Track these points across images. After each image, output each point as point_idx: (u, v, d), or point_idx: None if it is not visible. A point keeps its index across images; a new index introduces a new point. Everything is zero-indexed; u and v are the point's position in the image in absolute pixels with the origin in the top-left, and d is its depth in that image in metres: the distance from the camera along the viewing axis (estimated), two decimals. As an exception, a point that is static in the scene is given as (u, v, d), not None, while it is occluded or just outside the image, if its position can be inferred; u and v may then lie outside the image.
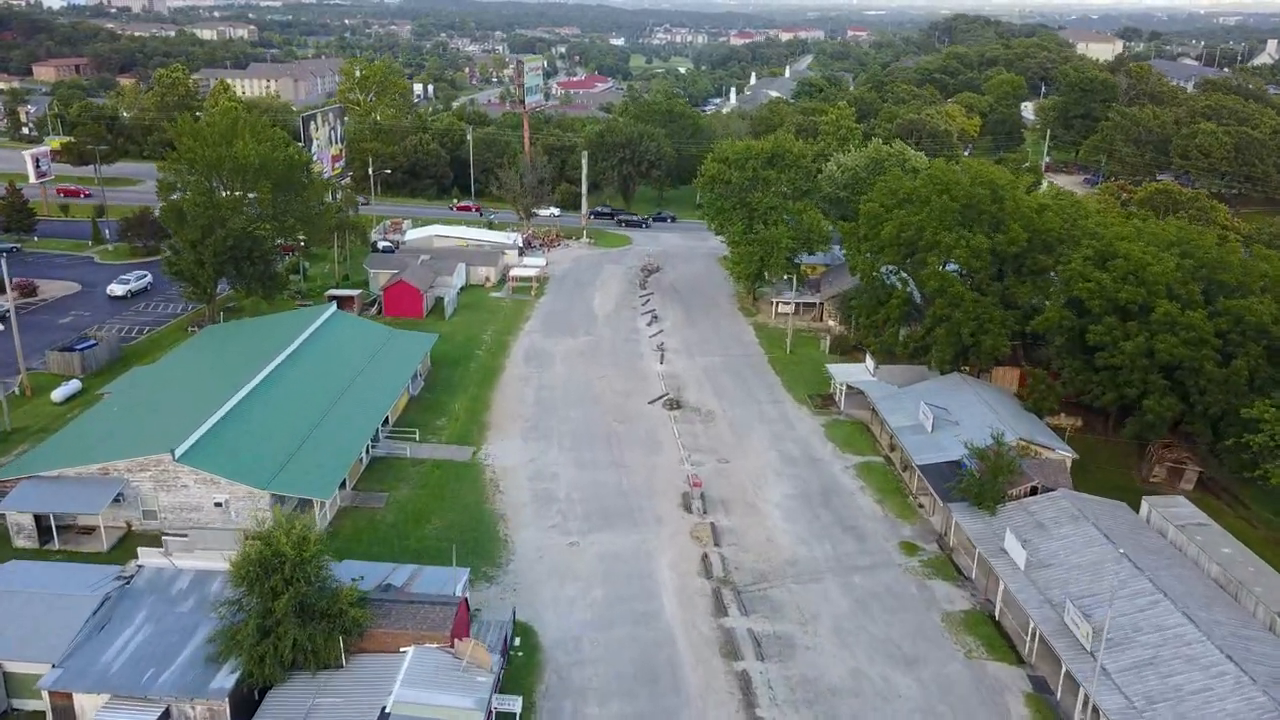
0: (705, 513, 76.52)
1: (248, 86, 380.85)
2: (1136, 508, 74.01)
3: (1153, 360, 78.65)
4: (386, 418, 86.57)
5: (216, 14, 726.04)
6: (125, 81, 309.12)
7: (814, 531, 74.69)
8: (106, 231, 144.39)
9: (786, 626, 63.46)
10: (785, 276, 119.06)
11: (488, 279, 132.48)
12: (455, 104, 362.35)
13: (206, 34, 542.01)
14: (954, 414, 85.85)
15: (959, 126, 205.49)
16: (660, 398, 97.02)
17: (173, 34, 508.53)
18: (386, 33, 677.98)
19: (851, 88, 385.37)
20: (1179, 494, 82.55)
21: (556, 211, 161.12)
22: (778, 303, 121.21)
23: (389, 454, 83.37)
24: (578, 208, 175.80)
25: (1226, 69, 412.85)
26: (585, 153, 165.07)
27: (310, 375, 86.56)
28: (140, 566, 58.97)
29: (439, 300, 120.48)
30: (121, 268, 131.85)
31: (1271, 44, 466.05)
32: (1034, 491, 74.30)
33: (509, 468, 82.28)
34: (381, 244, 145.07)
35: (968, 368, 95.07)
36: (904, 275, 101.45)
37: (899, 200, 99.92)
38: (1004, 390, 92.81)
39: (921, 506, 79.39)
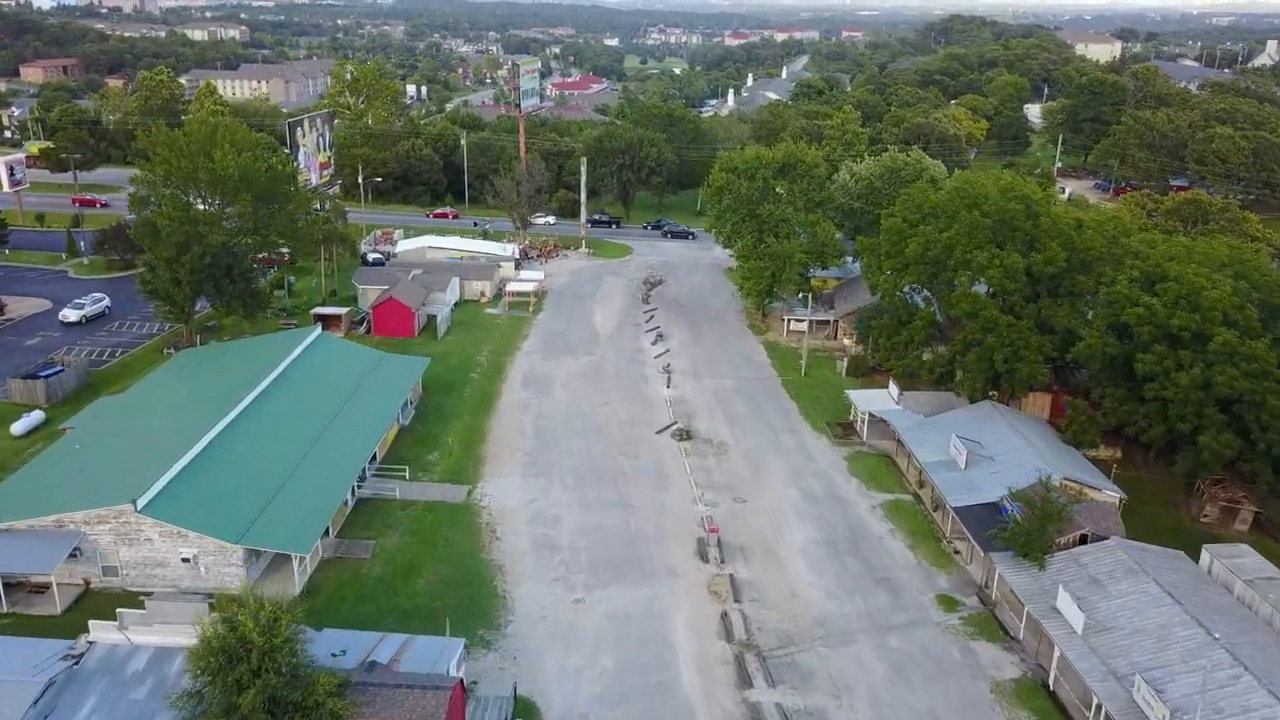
0: (723, 562, 69.48)
1: (238, 88, 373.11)
2: (1190, 552, 67.32)
3: (1209, 393, 71.82)
4: (374, 454, 79.34)
5: (208, 14, 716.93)
6: (114, 83, 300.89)
7: (843, 584, 67.66)
8: (82, 244, 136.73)
9: (819, 699, 56.43)
10: (799, 294, 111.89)
11: (483, 294, 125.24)
12: (449, 106, 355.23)
13: (197, 34, 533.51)
14: (988, 448, 78.98)
15: (965, 130, 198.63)
16: (669, 427, 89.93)
17: (163, 35, 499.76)
18: (379, 33, 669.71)
19: (849, 89, 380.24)
20: (1233, 534, 76.05)
21: (551, 220, 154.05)
22: (790, 320, 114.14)
23: (376, 495, 76.14)
24: (575, 215, 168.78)
25: (1227, 70, 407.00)
26: (584, 159, 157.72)
27: (292, 407, 79.35)
28: (91, 643, 51.70)
29: (431, 318, 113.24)
30: (93, 284, 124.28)
31: (1271, 44, 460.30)
32: (1083, 540, 67.45)
33: (507, 509, 75.12)
34: (371, 256, 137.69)
35: (996, 393, 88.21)
36: (927, 294, 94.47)
37: (923, 215, 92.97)
38: (1038, 420, 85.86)
39: (958, 553, 72.41)
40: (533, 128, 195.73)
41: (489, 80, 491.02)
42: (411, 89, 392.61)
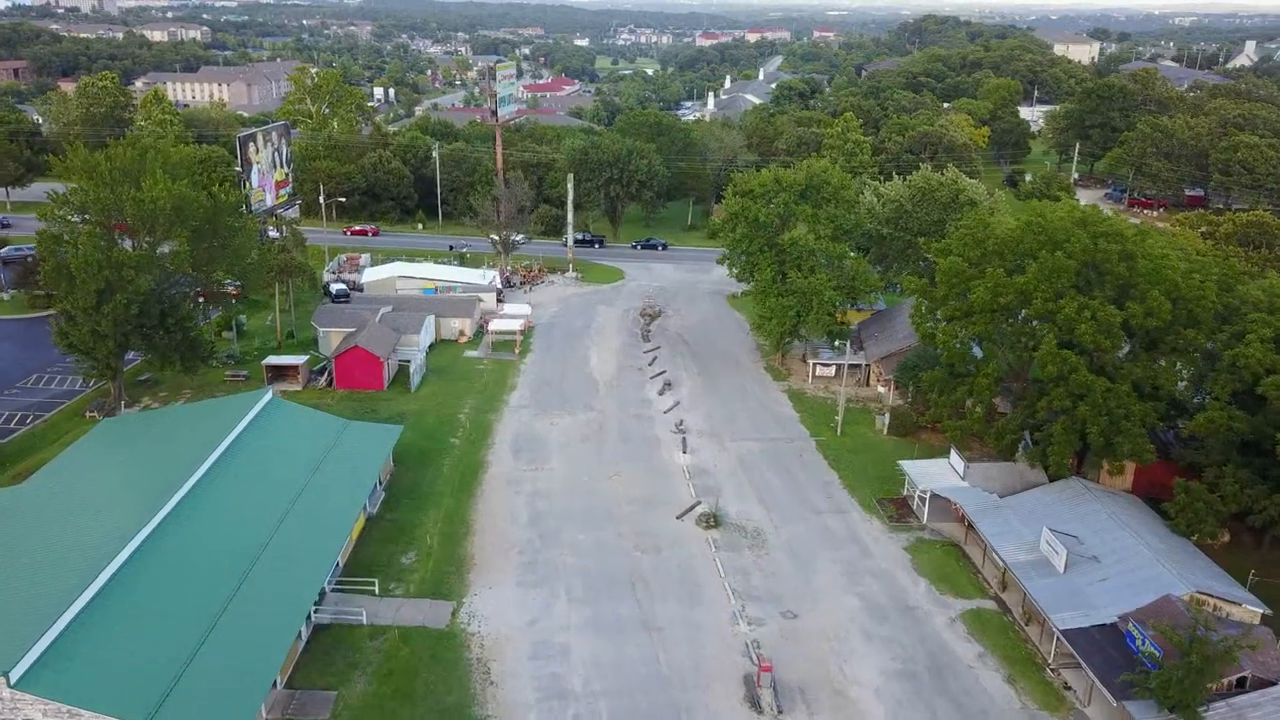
0: (780, 712, 53.62)
1: (197, 91, 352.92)
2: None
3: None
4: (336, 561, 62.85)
5: (169, 14, 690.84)
6: (66, 88, 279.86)
7: (938, 744, 52.07)
8: (2, 278, 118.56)
9: None
10: (829, 337, 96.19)
11: (462, 333, 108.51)
12: (418, 109, 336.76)
13: (157, 35, 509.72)
14: (1089, 544, 63.81)
15: (967, 136, 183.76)
16: (691, 509, 73.92)
17: (120, 36, 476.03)
18: (346, 34, 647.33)
19: (828, 90, 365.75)
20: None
21: (520, 238, 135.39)
22: (815, 364, 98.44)
23: (338, 619, 59.66)
24: (557, 233, 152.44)
25: (1208, 70, 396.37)
26: (570, 174, 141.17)
27: (233, 505, 62.66)
28: None
29: (403, 366, 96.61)
30: (12, 325, 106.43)
31: (1250, 45, 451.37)
32: (1241, 683, 52.29)
33: (502, 637, 58.86)
34: (335, 287, 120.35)
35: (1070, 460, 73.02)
36: (988, 344, 78.90)
37: (984, 252, 77.46)
38: (1137, 504, 70.51)
39: (1069, 689, 56.95)
40: (510, 137, 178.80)
41: (459, 82, 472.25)
42: (379, 91, 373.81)
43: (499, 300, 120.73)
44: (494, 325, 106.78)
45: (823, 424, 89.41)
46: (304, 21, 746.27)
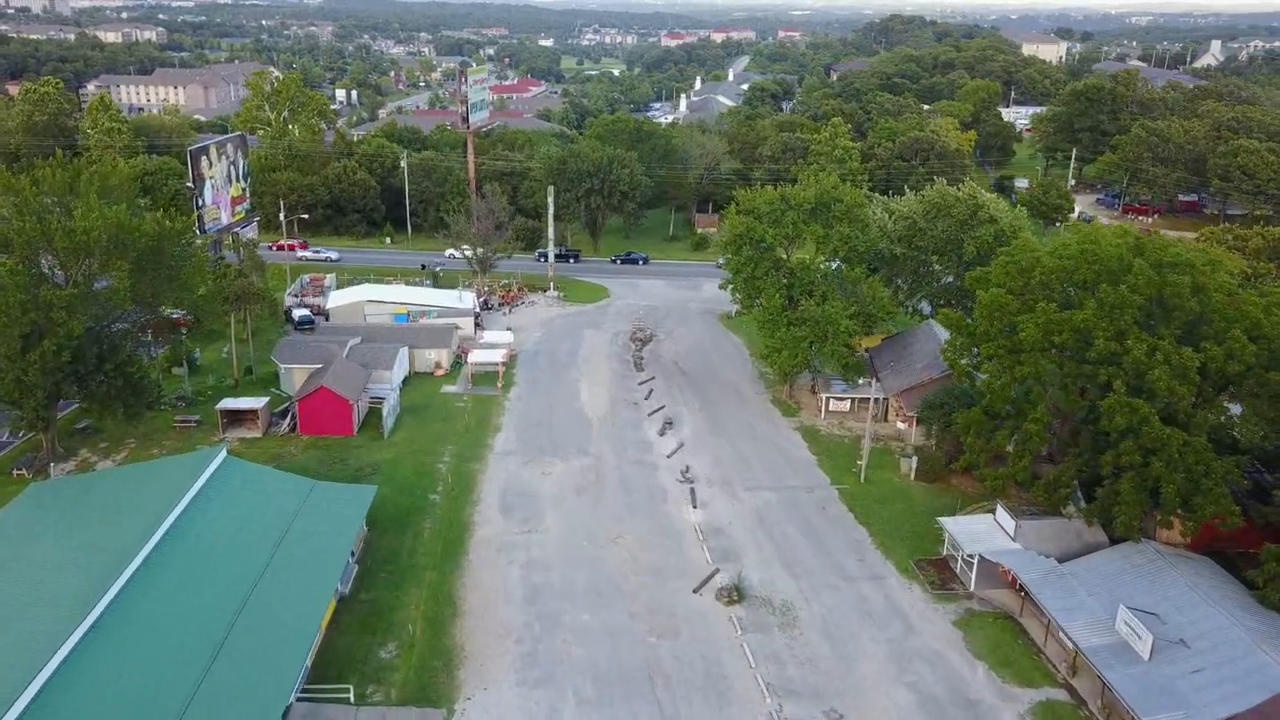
0: None
1: (152, 94, 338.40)
2: None
3: None
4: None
5: (124, 15, 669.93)
6: (14, 91, 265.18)
7: None
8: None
9: None
10: (846, 370, 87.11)
11: (438, 365, 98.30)
12: (382, 112, 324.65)
13: (111, 36, 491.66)
14: (1171, 622, 55.19)
15: (957, 142, 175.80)
16: (709, 580, 64.46)
17: (72, 38, 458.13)
18: (306, 34, 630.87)
19: (799, 91, 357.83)
20: None
21: (498, 255, 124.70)
22: (829, 398, 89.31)
23: (305, 739, 49.62)
24: (533, 246, 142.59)
25: (1178, 70, 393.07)
26: (550, 187, 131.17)
27: (177, 604, 52.30)
28: None
29: (375, 406, 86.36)
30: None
31: (1215, 44, 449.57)
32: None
33: (504, 759, 49.13)
34: (297, 313, 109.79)
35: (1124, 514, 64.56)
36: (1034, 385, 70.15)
37: (1027, 283, 68.72)
38: (1213, 568, 61.87)
39: (1172, 808, 48.15)
40: (481, 144, 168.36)
41: (423, 83, 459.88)
42: (341, 94, 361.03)
43: (477, 325, 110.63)
44: (474, 357, 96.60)
45: (843, 468, 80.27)
46: (263, 22, 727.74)
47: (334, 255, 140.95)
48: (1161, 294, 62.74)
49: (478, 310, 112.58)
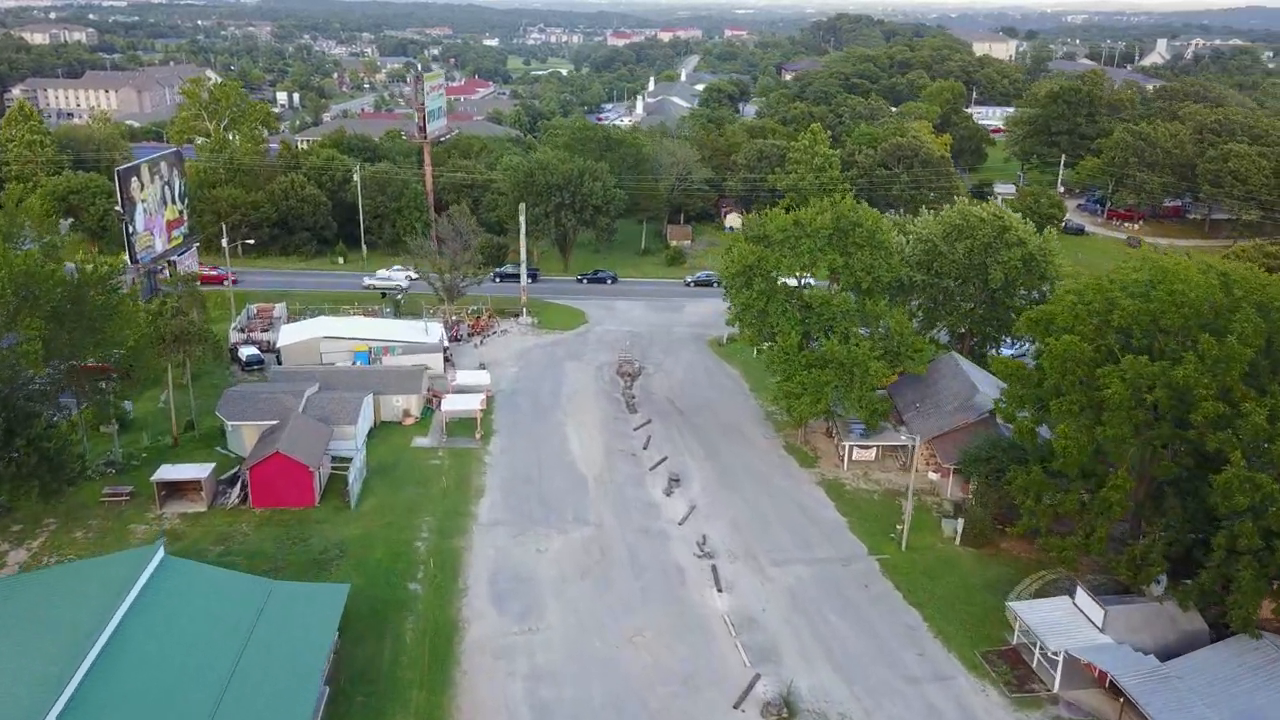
0: None
1: (81, 98, 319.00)
2: None
3: None
4: None
5: (52, 15, 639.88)
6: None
7: None
8: None
9: None
10: (874, 416, 76.91)
11: (407, 413, 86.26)
12: (326, 115, 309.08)
13: (38, 38, 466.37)
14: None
15: (940, 147, 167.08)
16: (750, 690, 53.74)
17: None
18: (244, 35, 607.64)
19: (753, 92, 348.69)
20: None
21: (467, 281, 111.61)
22: (852, 446, 79.01)
23: None
24: (497, 262, 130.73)
25: (1127, 66, 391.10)
26: (521, 205, 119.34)
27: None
28: None
29: (338, 468, 74.34)
30: None
31: (1161, 43, 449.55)
32: None
33: None
34: (245, 351, 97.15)
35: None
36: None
37: (1098, 326, 59.04)
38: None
39: None
40: (436, 154, 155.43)
41: (367, 85, 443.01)
42: (282, 96, 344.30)
43: (447, 362, 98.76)
44: (448, 404, 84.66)
45: (879, 532, 70.03)
46: (199, 22, 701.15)
47: (403, 283, 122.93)
48: (1271, 344, 53.34)
49: (446, 344, 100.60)
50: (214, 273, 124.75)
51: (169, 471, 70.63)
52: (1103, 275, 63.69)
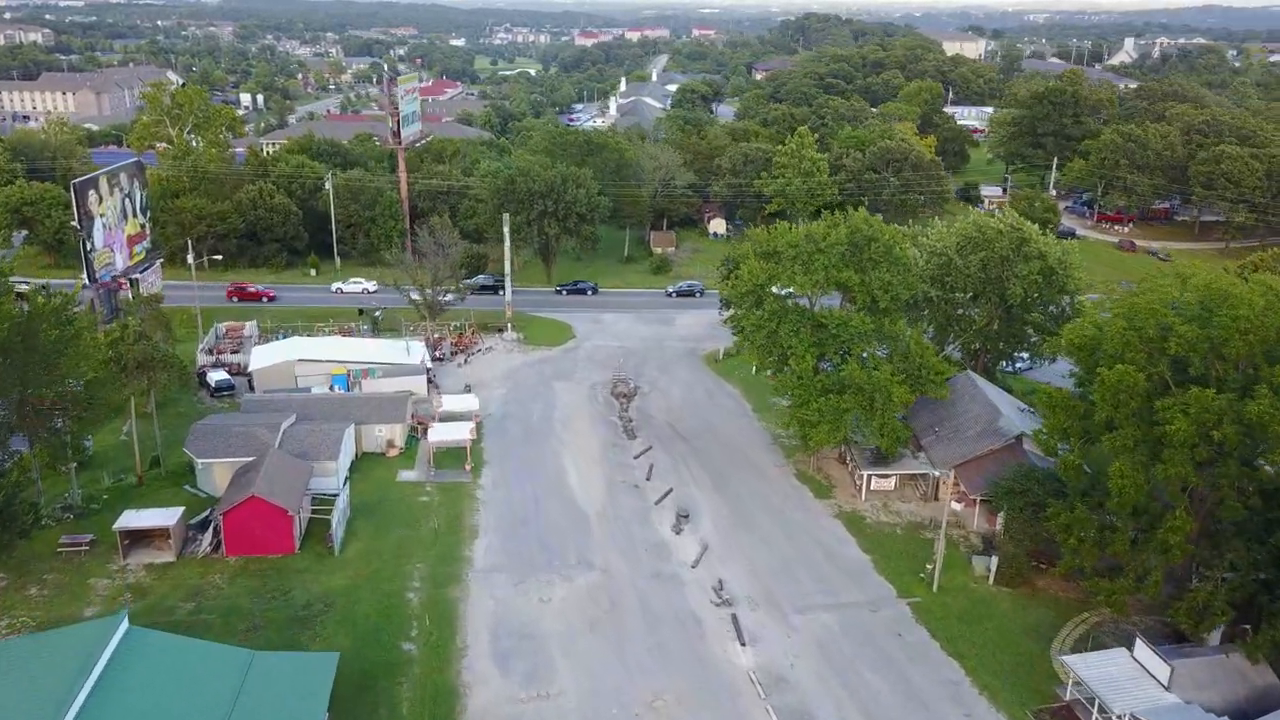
0: None
1: (38, 101, 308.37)
2: None
3: None
4: None
5: (6, 15, 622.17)
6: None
7: None
8: None
9: None
10: (898, 443, 71.75)
11: (390, 444, 79.97)
12: (292, 117, 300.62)
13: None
14: None
15: (928, 150, 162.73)
16: (788, 764, 48.39)
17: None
18: (206, 35, 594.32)
19: (726, 92, 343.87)
20: None
21: (450, 297, 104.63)
22: (870, 476, 73.81)
23: None
24: (478, 270, 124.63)
25: (1098, 67, 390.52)
26: (506, 215, 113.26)
27: None
28: None
29: (320, 509, 68.05)
30: None
31: (1128, 42, 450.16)
32: None
33: None
34: (213, 376, 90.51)
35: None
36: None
37: (1151, 354, 54.21)
38: None
39: None
40: (410, 159, 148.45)
41: (333, 86, 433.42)
42: (246, 98, 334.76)
43: (430, 383, 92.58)
44: (435, 434, 78.51)
45: (906, 571, 64.88)
46: (159, 22, 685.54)
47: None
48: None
49: (429, 365, 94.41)
50: (253, 289, 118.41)
51: (133, 518, 63.93)
52: (1144, 294, 58.76)
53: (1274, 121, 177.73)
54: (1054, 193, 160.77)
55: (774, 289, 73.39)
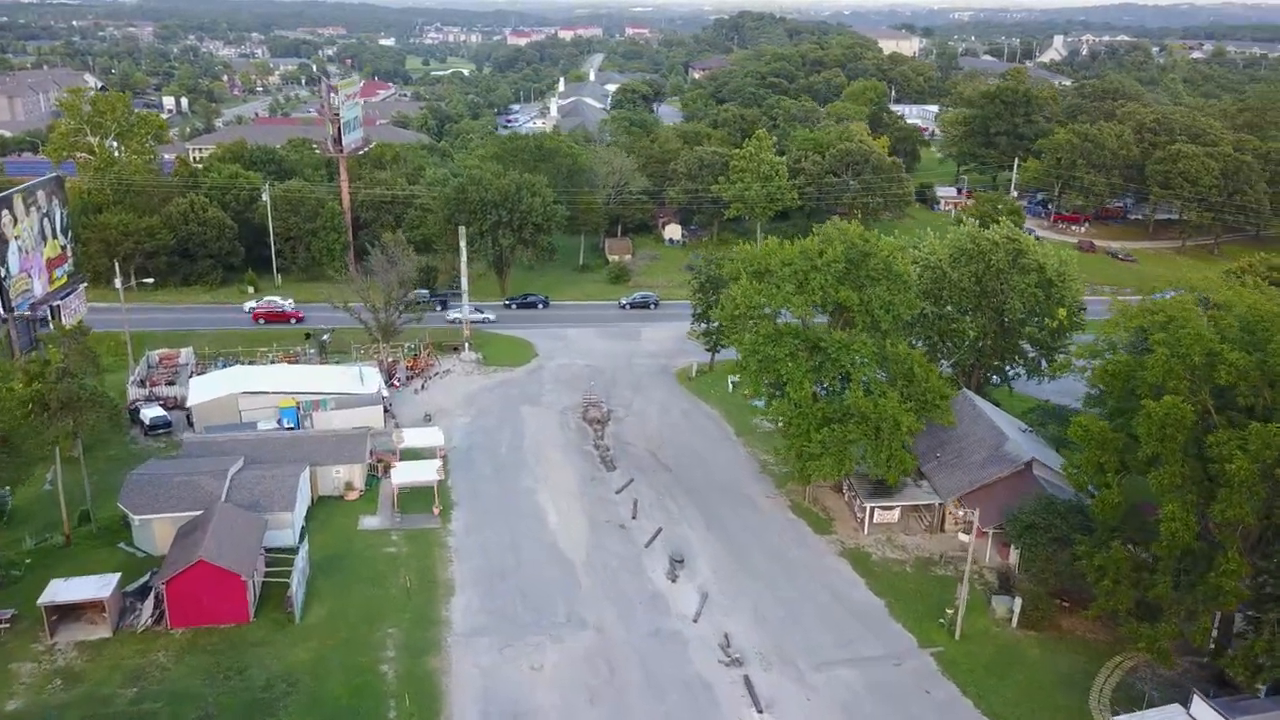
0: None
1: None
2: None
3: None
4: None
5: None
6: None
7: None
8: None
9: None
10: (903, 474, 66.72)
11: (349, 486, 72.60)
12: (219, 121, 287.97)
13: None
14: None
15: (884, 151, 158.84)
16: None
17: None
18: (124, 35, 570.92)
19: (666, 91, 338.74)
20: None
21: (404, 319, 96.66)
22: (873, 508, 68.60)
23: None
24: (427, 284, 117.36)
25: (1027, 62, 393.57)
26: (461, 228, 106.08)
27: None
28: None
29: (275, 567, 60.61)
30: None
31: (1058, 39, 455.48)
32: None
33: None
34: (147, 413, 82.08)
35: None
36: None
37: (1194, 381, 49.74)
38: None
39: None
40: (350, 166, 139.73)
41: (260, 88, 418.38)
42: (169, 101, 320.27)
43: (387, 413, 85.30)
44: (399, 475, 71.32)
45: (924, 614, 59.75)
46: (74, 22, 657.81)
47: (490, 316, 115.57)
48: None
49: (386, 394, 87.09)
50: (281, 307, 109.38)
51: (61, 590, 55.81)
52: (1182, 317, 54.31)
53: (1221, 119, 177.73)
54: (1015, 194, 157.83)
55: (766, 310, 67.57)
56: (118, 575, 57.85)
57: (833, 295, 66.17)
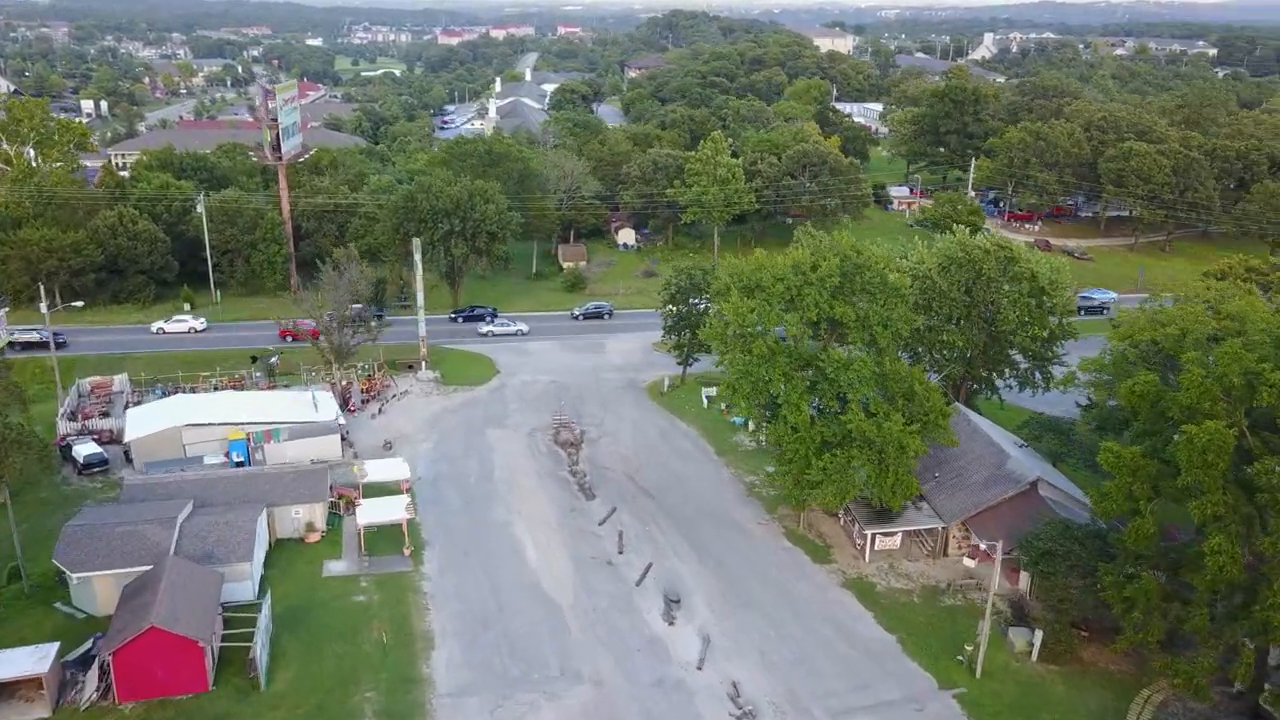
0: None
1: None
2: None
3: None
4: None
5: None
6: None
7: None
8: None
9: None
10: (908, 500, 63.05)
11: (310, 527, 66.64)
12: (142, 125, 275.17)
13: None
14: None
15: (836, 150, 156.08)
16: None
17: None
18: (38, 36, 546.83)
19: (605, 91, 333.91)
20: None
21: (357, 339, 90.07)
22: (873, 535, 64.78)
23: None
24: (374, 298, 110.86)
25: (958, 60, 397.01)
26: (416, 240, 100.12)
27: None
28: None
29: (235, 631, 54.65)
30: None
31: (988, 37, 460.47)
32: None
33: None
34: (80, 450, 74.89)
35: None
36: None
37: (1232, 403, 46.74)
38: None
39: None
40: (290, 175, 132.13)
41: (184, 90, 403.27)
42: (88, 104, 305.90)
43: (344, 440, 79.29)
44: (365, 515, 65.51)
45: (940, 651, 56.03)
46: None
47: (524, 328, 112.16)
48: None
49: (343, 420, 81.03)
50: (309, 326, 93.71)
51: (-9, 669, 49.38)
52: (1197, 330, 51.40)
53: (1160, 116, 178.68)
54: (973, 194, 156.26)
55: (759, 328, 63.31)
56: (56, 645, 51.39)
57: (827, 311, 62.17)
